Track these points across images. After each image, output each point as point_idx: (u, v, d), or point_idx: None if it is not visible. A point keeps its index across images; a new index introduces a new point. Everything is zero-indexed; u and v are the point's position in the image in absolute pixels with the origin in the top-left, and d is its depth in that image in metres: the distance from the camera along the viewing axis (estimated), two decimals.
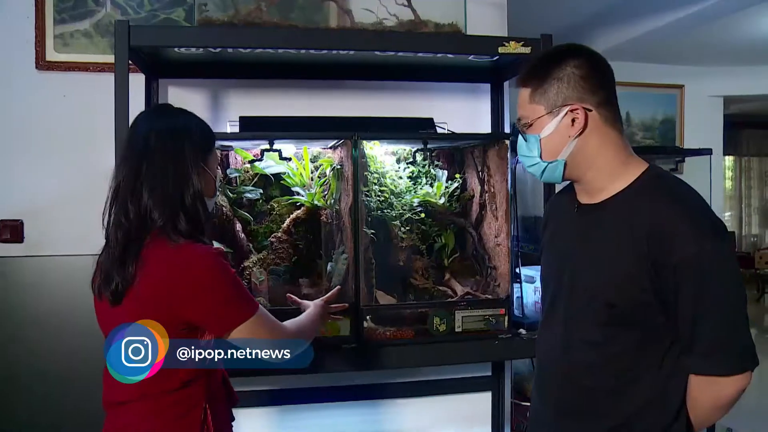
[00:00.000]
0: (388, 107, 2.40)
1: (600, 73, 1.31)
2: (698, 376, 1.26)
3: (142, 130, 1.41)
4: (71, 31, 2.31)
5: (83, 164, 2.32)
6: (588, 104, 1.29)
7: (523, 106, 1.36)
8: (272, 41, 1.96)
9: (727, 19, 4.13)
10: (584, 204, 1.38)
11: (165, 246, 1.34)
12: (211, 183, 1.46)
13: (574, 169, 1.34)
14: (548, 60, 1.33)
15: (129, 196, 1.36)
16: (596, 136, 1.31)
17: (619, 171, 1.32)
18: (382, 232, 2.12)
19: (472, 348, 2.05)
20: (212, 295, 1.33)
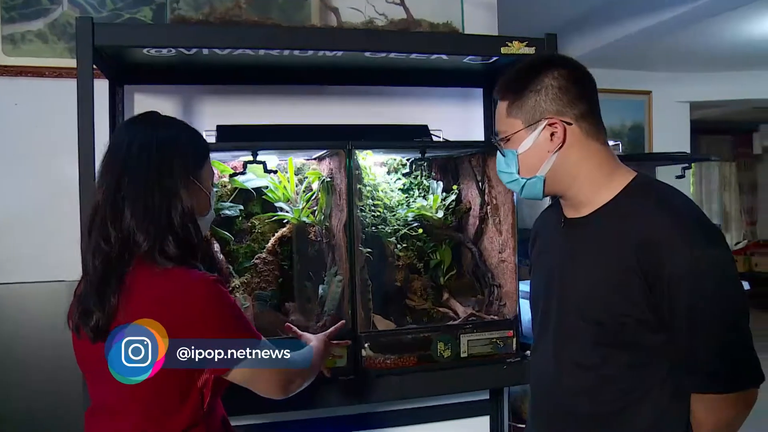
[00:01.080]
0: (378, 114, 2.23)
1: (580, 85, 1.24)
2: (700, 395, 1.17)
3: (124, 141, 1.22)
4: (22, 32, 2.07)
5: (38, 180, 2.08)
6: (567, 117, 1.22)
7: (500, 120, 1.30)
8: (252, 41, 1.76)
9: (695, 26, 4.14)
10: (570, 218, 1.31)
11: (152, 272, 1.16)
12: (204, 200, 1.29)
13: (555, 184, 1.27)
14: (526, 71, 1.26)
15: (109, 217, 1.18)
16: (577, 150, 1.24)
17: (604, 183, 1.25)
18: (377, 250, 1.94)
19: (479, 374, 1.89)
20: (210, 328, 1.16)
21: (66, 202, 2.02)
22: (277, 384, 1.28)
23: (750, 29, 4.56)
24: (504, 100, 1.28)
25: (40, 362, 2.03)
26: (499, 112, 1.30)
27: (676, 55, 5.12)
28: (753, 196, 9.11)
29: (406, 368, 1.81)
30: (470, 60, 1.99)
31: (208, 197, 1.30)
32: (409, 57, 1.92)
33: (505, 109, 1.27)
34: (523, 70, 1.27)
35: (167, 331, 1.15)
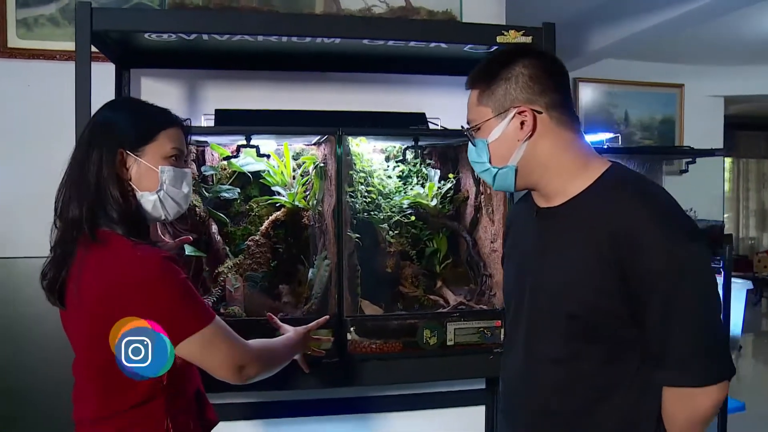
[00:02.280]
0: (376, 101, 2.24)
1: (551, 74, 1.24)
2: (672, 388, 1.17)
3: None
4: (35, 16, 2.14)
5: (49, 159, 2.10)
6: (537, 106, 1.22)
7: (471, 108, 1.30)
8: (250, 27, 1.79)
9: (728, 17, 4.00)
10: (543, 208, 1.30)
11: (96, 246, 1.24)
12: (151, 176, 1.32)
13: (527, 175, 1.26)
14: (497, 60, 1.26)
15: (59, 194, 1.30)
16: (548, 140, 1.23)
17: (577, 173, 1.24)
18: (369, 236, 1.96)
19: (465, 363, 1.90)
20: (154, 303, 1.20)
21: None
22: (229, 366, 1.29)
23: None
24: (474, 89, 1.28)
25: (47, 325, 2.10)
26: (470, 100, 1.30)
27: (709, 47, 4.98)
28: None
29: (391, 354, 1.83)
30: (470, 49, 1.98)
31: (156, 174, 1.32)
32: (407, 45, 1.92)
33: (476, 97, 1.27)
34: (495, 60, 1.27)
35: (117, 303, 1.20)
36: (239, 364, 1.30)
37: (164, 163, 1.34)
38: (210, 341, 1.26)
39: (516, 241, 1.41)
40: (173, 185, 1.35)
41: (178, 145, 1.37)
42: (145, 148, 1.32)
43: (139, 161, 1.31)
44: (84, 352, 1.29)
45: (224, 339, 1.29)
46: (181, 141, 1.39)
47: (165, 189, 1.34)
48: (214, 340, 1.26)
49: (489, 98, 1.24)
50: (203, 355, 1.27)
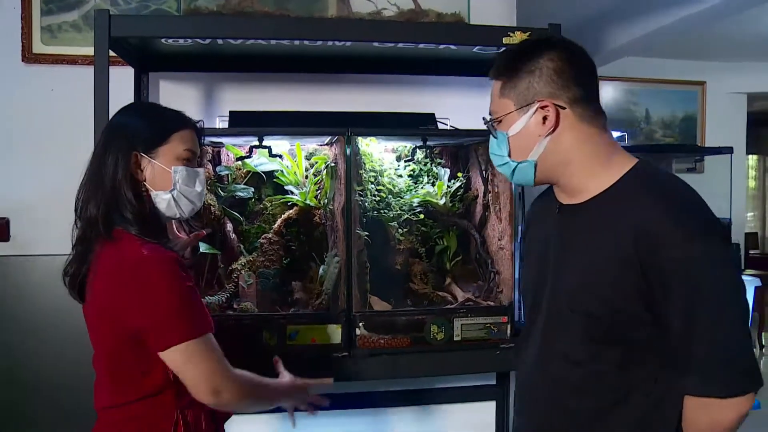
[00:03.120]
0: (387, 102, 2.28)
1: (576, 68, 1.20)
2: (694, 397, 1.12)
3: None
4: (59, 23, 2.23)
5: (72, 160, 2.17)
6: (560, 101, 1.18)
7: (493, 100, 1.27)
8: (263, 31, 1.85)
9: (749, 12, 3.95)
10: (566, 204, 1.27)
11: (110, 244, 1.30)
12: (164, 176, 1.38)
13: (547, 170, 1.23)
14: (522, 52, 1.23)
15: (78, 193, 1.37)
16: (570, 135, 1.20)
17: (600, 169, 1.21)
18: (379, 234, 2.00)
19: (472, 358, 1.93)
20: (149, 304, 1.25)
21: None
22: (206, 385, 1.28)
23: None
24: (497, 80, 1.25)
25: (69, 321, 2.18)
26: (493, 92, 1.27)
27: (731, 44, 4.93)
28: None
29: (399, 348, 1.88)
30: (480, 50, 2.02)
31: (169, 174, 1.38)
32: (417, 47, 1.97)
33: (499, 89, 1.24)
34: (519, 51, 1.24)
35: (119, 299, 1.27)
36: (216, 387, 1.29)
37: (177, 163, 1.39)
38: (193, 355, 1.27)
39: (536, 236, 1.38)
40: (186, 184, 1.40)
41: (191, 146, 1.43)
42: (158, 149, 1.38)
43: (153, 162, 1.38)
44: (96, 344, 1.36)
45: (208, 357, 1.29)
46: (194, 142, 1.44)
47: (178, 188, 1.40)
48: (197, 356, 1.27)
49: (511, 90, 1.21)
50: (184, 367, 1.27)
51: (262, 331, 1.80)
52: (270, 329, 1.80)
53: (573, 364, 1.20)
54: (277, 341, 1.81)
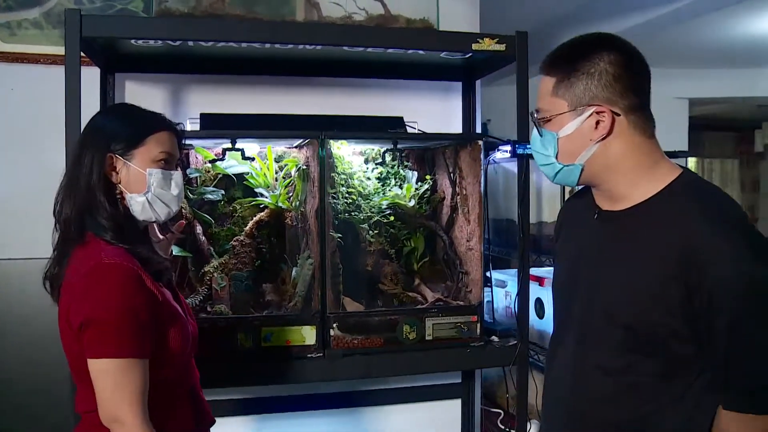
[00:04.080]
0: (356, 105, 2.31)
1: (635, 75, 1.17)
2: (730, 412, 1.12)
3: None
4: (19, 20, 2.17)
5: (32, 162, 2.18)
6: (617, 108, 1.15)
7: (543, 97, 1.21)
8: (235, 34, 1.85)
9: (694, 22, 4.15)
10: (606, 210, 1.25)
11: (85, 249, 1.31)
12: (138, 179, 1.37)
13: (591, 175, 1.21)
14: (580, 49, 1.19)
15: (57, 196, 1.37)
16: (621, 142, 1.17)
17: (646, 178, 1.18)
18: (350, 236, 2.03)
19: (443, 356, 1.98)
20: (90, 308, 1.22)
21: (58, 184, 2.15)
22: (105, 409, 1.22)
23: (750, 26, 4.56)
24: (551, 77, 1.20)
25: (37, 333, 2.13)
26: (544, 88, 1.21)
27: (675, 51, 5.14)
28: (755, 194, 9.11)
29: (372, 348, 1.91)
30: (447, 55, 2.07)
31: (144, 177, 1.36)
32: (386, 51, 2.00)
33: (552, 86, 1.19)
34: (578, 48, 1.20)
35: (67, 301, 1.27)
36: (115, 416, 1.21)
37: (153, 166, 1.37)
38: (107, 374, 1.21)
39: (570, 239, 1.36)
40: (161, 187, 1.38)
41: (168, 149, 1.40)
42: (134, 151, 1.36)
43: (128, 164, 1.36)
44: (64, 348, 1.32)
45: (120, 383, 1.20)
46: (172, 145, 1.42)
47: (153, 191, 1.37)
48: (110, 377, 1.20)
49: (567, 91, 1.17)
50: (95, 382, 1.22)
51: (236, 334, 1.80)
52: (245, 331, 1.81)
53: (607, 374, 1.19)
54: (252, 343, 1.81)
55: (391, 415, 2.44)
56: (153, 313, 1.29)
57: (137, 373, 1.22)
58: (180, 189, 1.44)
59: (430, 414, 2.47)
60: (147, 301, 1.28)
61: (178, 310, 1.38)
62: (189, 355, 1.42)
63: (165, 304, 1.34)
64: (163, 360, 1.31)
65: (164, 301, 1.34)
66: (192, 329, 1.43)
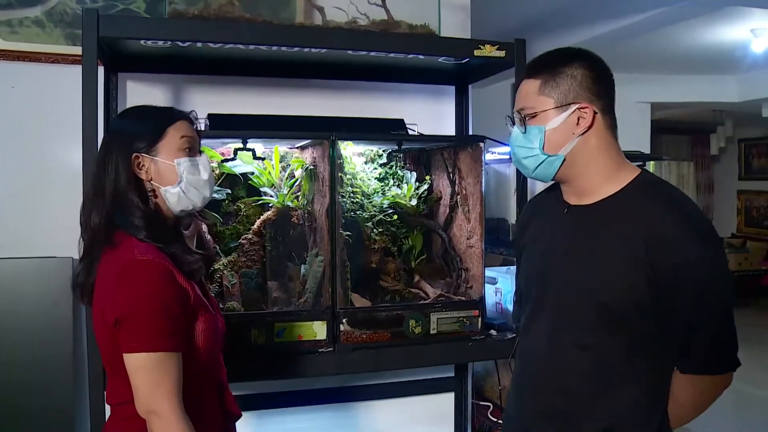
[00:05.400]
0: (356, 107, 2.37)
1: (606, 81, 1.35)
2: (691, 375, 1.30)
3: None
4: (20, 18, 2.16)
5: (32, 161, 2.18)
6: (595, 106, 1.31)
7: (527, 96, 1.36)
8: (247, 37, 1.89)
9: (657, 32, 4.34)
10: (575, 205, 1.39)
11: (116, 250, 1.33)
12: (168, 171, 1.40)
13: (569, 167, 1.35)
14: (562, 57, 1.35)
15: (82, 209, 1.40)
16: (596, 138, 1.32)
17: (612, 174, 1.34)
18: (355, 234, 2.09)
19: (447, 350, 2.05)
20: (125, 303, 1.27)
21: (58, 184, 2.15)
22: (141, 402, 1.26)
23: (709, 36, 4.80)
24: (537, 78, 1.34)
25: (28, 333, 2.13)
26: (529, 89, 1.36)
27: (639, 58, 5.34)
28: (709, 195, 9.49)
29: (380, 342, 1.98)
30: (444, 60, 2.15)
31: (173, 168, 1.39)
32: (387, 55, 2.07)
33: (538, 86, 1.34)
34: (560, 54, 1.36)
35: (101, 299, 1.32)
36: (151, 408, 1.25)
37: (179, 155, 1.40)
38: (143, 368, 1.24)
39: (538, 234, 1.50)
40: (192, 174, 1.41)
41: (188, 134, 1.43)
42: (157, 146, 1.39)
43: (155, 160, 1.39)
44: (98, 343, 1.37)
45: (156, 376, 1.24)
46: (191, 131, 1.45)
47: (185, 179, 1.40)
48: (146, 370, 1.24)
49: (553, 89, 1.32)
50: (132, 376, 1.26)
51: (250, 330, 1.84)
52: (258, 327, 1.85)
53: (581, 349, 1.32)
54: (265, 339, 1.86)
55: (386, 410, 2.50)
56: (184, 308, 1.33)
57: (172, 367, 1.26)
58: (209, 172, 1.46)
59: (424, 407, 2.54)
60: (178, 296, 1.32)
61: (207, 306, 1.42)
62: (217, 350, 1.46)
63: (196, 300, 1.37)
64: (193, 355, 1.35)
65: (195, 296, 1.38)
66: (221, 325, 1.47)
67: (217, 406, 1.45)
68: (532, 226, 1.54)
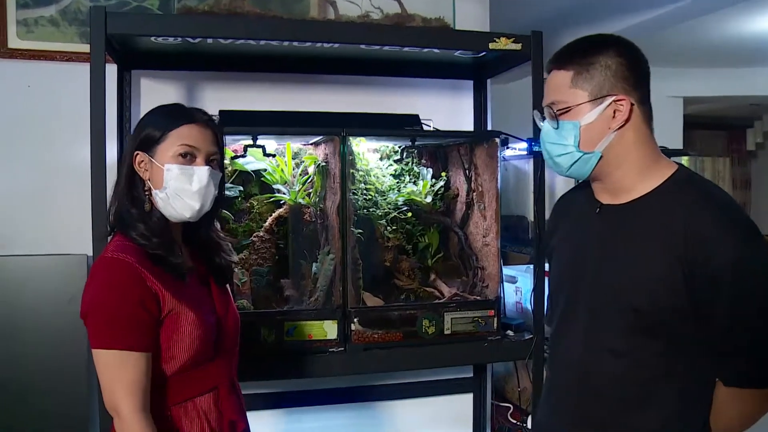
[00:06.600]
0: (372, 103, 2.33)
1: (642, 70, 1.25)
2: (729, 388, 1.21)
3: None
4: (35, 17, 2.17)
5: (49, 158, 2.19)
6: (631, 98, 1.22)
7: (558, 89, 1.26)
8: (256, 32, 1.87)
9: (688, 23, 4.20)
10: (607, 204, 1.30)
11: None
12: (160, 175, 1.35)
13: (604, 164, 1.25)
14: (595, 45, 1.25)
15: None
16: (633, 132, 1.23)
17: (649, 171, 1.25)
18: (368, 232, 2.05)
19: (461, 350, 2.01)
20: (88, 301, 1.27)
21: (74, 181, 2.16)
22: (106, 399, 1.25)
23: (744, 27, 4.63)
24: (568, 70, 1.24)
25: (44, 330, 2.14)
26: (559, 81, 1.26)
27: (670, 50, 5.20)
28: (745, 192, 9.22)
29: (392, 342, 1.94)
30: (461, 54, 2.10)
31: (161, 172, 1.35)
32: (401, 50, 2.02)
33: (570, 78, 1.24)
34: (591, 43, 1.26)
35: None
36: (114, 407, 1.24)
37: (171, 161, 1.35)
38: (105, 366, 1.24)
39: (568, 235, 1.41)
40: (179, 183, 1.34)
41: (190, 142, 1.36)
42: (156, 148, 1.36)
43: (152, 161, 1.36)
44: None
45: (116, 374, 1.23)
46: (198, 138, 1.38)
47: (169, 187, 1.34)
48: (108, 368, 1.24)
49: (586, 81, 1.22)
50: (98, 373, 1.26)
51: (260, 328, 1.82)
52: (268, 326, 1.83)
53: (615, 355, 1.24)
54: (275, 338, 1.83)
55: (405, 410, 2.47)
56: (152, 310, 1.28)
57: (134, 366, 1.24)
58: (202, 184, 1.36)
59: (442, 408, 2.50)
60: (145, 297, 1.27)
61: (190, 308, 1.34)
62: (206, 352, 1.37)
63: (171, 302, 1.31)
64: (169, 355, 1.31)
65: (172, 300, 1.31)
66: (229, 325, 1.44)
67: (209, 408, 1.38)
68: (562, 227, 1.46)
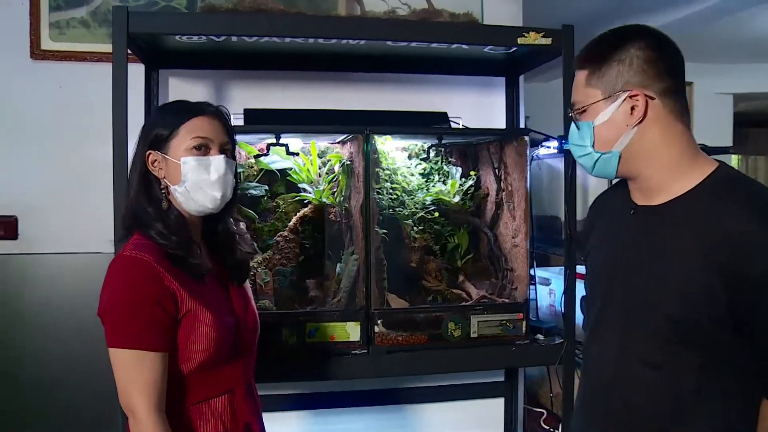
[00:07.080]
0: (399, 101, 2.29)
1: (667, 58, 1.17)
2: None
3: None
4: (67, 19, 2.21)
5: (80, 158, 2.23)
6: (650, 91, 1.15)
7: (577, 90, 1.23)
8: (280, 29, 1.84)
9: (736, 15, 4.04)
10: (642, 206, 1.24)
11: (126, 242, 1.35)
12: (176, 170, 1.34)
13: (629, 163, 1.20)
14: (609, 40, 1.20)
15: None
16: (657, 128, 1.16)
17: (684, 170, 1.17)
18: (394, 232, 2.01)
19: (488, 354, 1.95)
20: (105, 299, 1.25)
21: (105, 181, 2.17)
22: (121, 398, 1.25)
23: None
24: (583, 69, 1.21)
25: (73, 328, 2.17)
26: (577, 81, 1.23)
27: (718, 45, 5.01)
28: None
29: (416, 345, 1.89)
30: (491, 50, 2.04)
31: (178, 167, 1.34)
32: (429, 46, 1.98)
33: (584, 78, 1.21)
34: (607, 39, 1.21)
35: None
36: (128, 406, 1.24)
37: (186, 154, 1.34)
38: (119, 365, 1.24)
39: (603, 237, 1.35)
40: (198, 174, 1.33)
41: (203, 134, 1.35)
42: (169, 143, 1.35)
43: (166, 158, 1.35)
44: None
45: (131, 373, 1.22)
46: (209, 129, 1.37)
47: (189, 180, 1.34)
48: (122, 367, 1.23)
49: (599, 80, 1.18)
50: (114, 372, 1.25)
51: (281, 329, 1.80)
52: (289, 327, 1.81)
53: (650, 367, 1.18)
54: (297, 339, 1.81)
55: (434, 413, 2.42)
56: (170, 310, 1.27)
57: (151, 366, 1.23)
58: (221, 173, 1.35)
59: (473, 412, 2.44)
60: (162, 297, 1.26)
61: (208, 308, 1.32)
62: (224, 353, 1.35)
63: (189, 302, 1.29)
64: (185, 355, 1.29)
65: (189, 300, 1.29)
66: (248, 327, 1.43)
67: (224, 410, 1.36)
68: (598, 228, 1.39)
